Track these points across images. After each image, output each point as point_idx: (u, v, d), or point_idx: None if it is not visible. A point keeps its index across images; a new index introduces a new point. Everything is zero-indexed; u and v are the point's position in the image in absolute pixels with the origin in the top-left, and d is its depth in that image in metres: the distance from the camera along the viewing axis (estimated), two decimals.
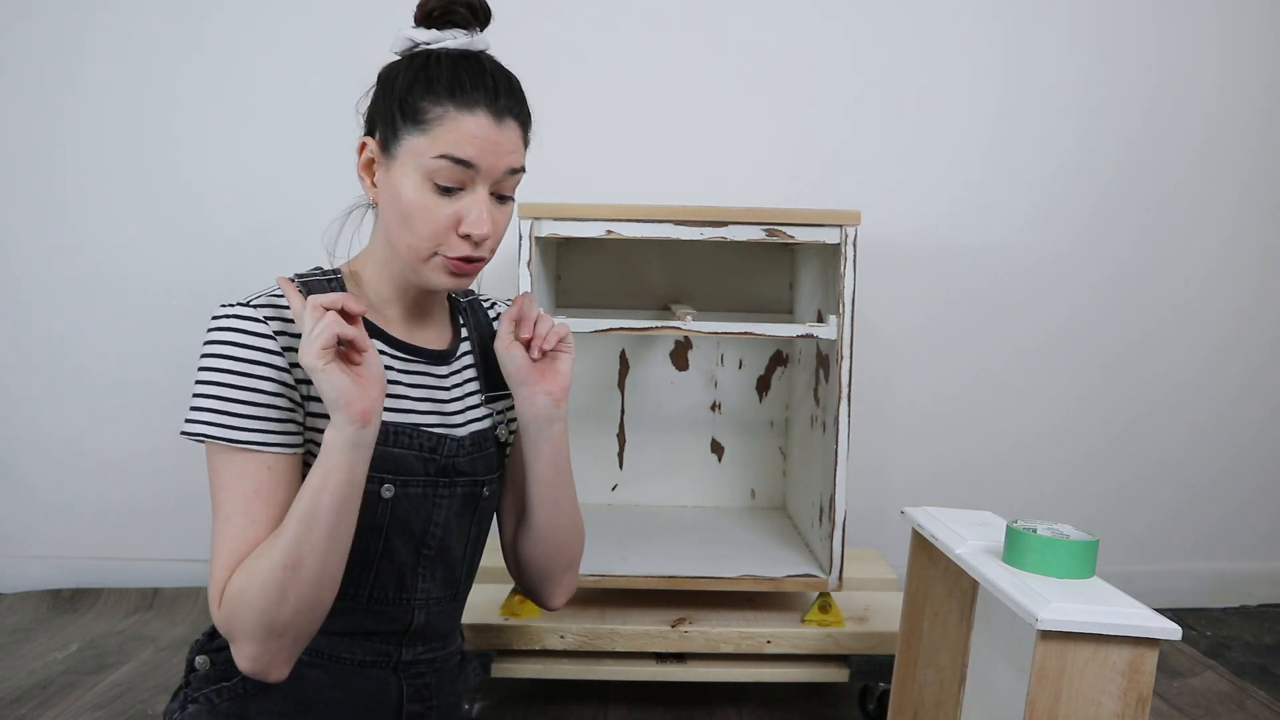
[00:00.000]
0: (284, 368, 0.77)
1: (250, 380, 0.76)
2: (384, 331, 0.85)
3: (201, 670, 0.85)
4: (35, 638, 1.60)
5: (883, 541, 1.79)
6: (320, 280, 0.84)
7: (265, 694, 0.83)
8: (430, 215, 0.79)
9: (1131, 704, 0.77)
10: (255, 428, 0.76)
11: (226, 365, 0.76)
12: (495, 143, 0.79)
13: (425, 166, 0.78)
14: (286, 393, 0.78)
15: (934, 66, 1.79)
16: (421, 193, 0.79)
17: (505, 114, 0.80)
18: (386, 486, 0.83)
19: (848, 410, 1.29)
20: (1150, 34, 1.80)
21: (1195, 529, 1.93)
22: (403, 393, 0.85)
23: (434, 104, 0.78)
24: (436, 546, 0.87)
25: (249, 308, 0.78)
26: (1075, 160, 1.82)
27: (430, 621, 0.89)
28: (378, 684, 0.87)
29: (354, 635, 0.85)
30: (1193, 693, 1.49)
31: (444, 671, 0.93)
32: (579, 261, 1.69)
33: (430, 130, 0.78)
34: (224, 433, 0.75)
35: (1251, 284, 1.88)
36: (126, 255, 1.77)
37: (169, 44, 1.73)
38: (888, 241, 1.81)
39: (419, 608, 0.88)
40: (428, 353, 0.88)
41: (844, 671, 1.29)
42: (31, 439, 1.81)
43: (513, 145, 0.81)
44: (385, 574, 0.85)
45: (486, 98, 0.79)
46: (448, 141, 0.77)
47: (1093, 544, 0.85)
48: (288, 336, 0.78)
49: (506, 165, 0.80)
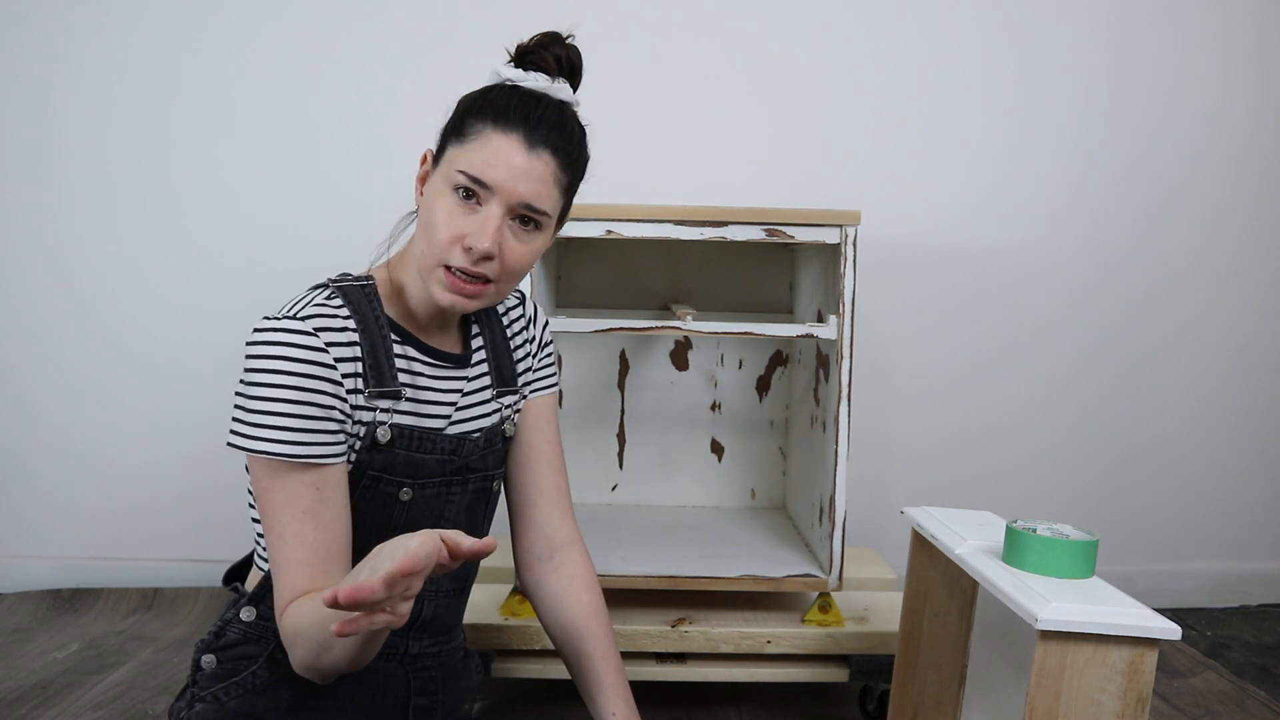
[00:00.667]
0: (338, 380, 0.78)
1: (307, 395, 0.76)
2: (415, 337, 0.86)
3: (208, 669, 0.85)
4: (35, 638, 1.60)
5: (883, 541, 1.79)
6: (355, 286, 0.83)
7: (274, 689, 0.83)
8: (446, 224, 0.79)
9: (1131, 704, 0.77)
10: (311, 441, 0.76)
11: (282, 380, 0.75)
12: (519, 168, 0.78)
13: (451, 177, 0.79)
14: (339, 405, 0.78)
15: (934, 67, 1.79)
16: (442, 201, 0.79)
17: (540, 144, 0.80)
18: (405, 490, 0.84)
19: (848, 410, 1.29)
20: (1148, 37, 1.80)
21: (1195, 528, 1.93)
22: (433, 398, 0.86)
23: (478, 120, 0.80)
24: None
25: (298, 320, 0.77)
26: (1075, 159, 1.82)
27: (438, 614, 0.90)
28: (385, 677, 0.87)
29: None
30: (1193, 693, 1.49)
31: (449, 665, 0.94)
32: (579, 261, 1.69)
33: (466, 143, 0.80)
34: (280, 449, 0.75)
35: (1249, 285, 1.88)
36: (131, 258, 1.77)
37: (178, 48, 1.73)
38: (888, 241, 1.81)
39: (428, 599, 0.89)
40: (454, 357, 0.89)
41: (844, 671, 1.29)
42: (32, 439, 1.81)
43: (540, 176, 0.80)
44: None
45: (526, 125, 0.79)
46: (475, 155, 0.78)
47: (1092, 544, 0.85)
48: (339, 347, 0.78)
49: (524, 197, 0.79)
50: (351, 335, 0.79)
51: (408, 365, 0.85)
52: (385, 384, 0.81)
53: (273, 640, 0.83)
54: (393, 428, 0.82)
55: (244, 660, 0.84)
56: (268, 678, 0.83)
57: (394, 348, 0.83)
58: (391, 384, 0.82)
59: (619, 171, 1.77)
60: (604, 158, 1.77)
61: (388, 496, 0.83)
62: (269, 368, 0.76)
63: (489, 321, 0.96)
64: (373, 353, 0.81)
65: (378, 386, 0.81)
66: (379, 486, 0.83)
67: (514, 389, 0.96)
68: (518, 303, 1.00)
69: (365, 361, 0.80)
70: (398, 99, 1.73)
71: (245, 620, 0.84)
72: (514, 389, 0.96)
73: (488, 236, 0.78)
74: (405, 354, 0.85)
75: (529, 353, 0.99)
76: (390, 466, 0.83)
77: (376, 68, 1.74)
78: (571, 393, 1.71)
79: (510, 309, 0.99)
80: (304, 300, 0.81)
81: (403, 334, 0.85)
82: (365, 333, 0.81)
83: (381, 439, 0.81)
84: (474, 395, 0.91)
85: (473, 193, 0.79)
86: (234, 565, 0.95)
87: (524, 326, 0.99)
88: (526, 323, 1.00)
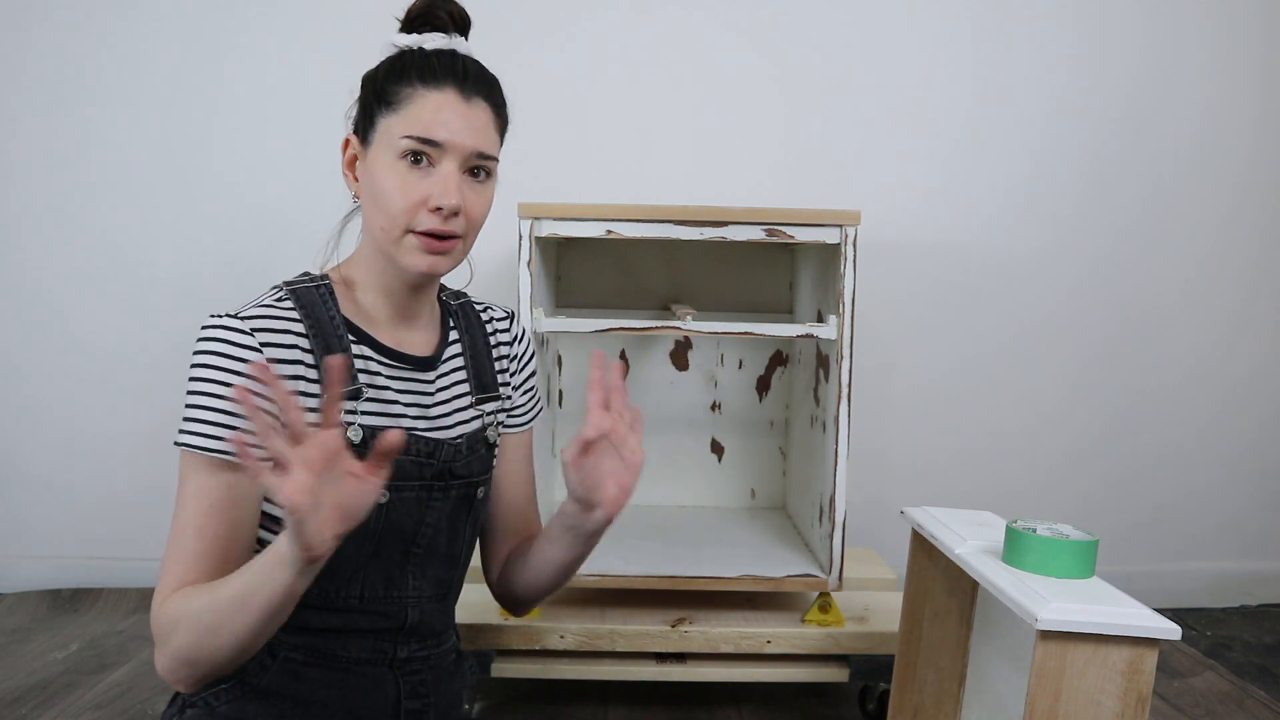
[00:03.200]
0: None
1: (229, 391, 0.75)
2: (371, 337, 0.85)
3: None
4: (35, 638, 1.60)
5: (883, 541, 1.79)
6: (309, 287, 0.83)
7: (264, 696, 0.83)
8: (402, 191, 0.79)
9: (1131, 704, 0.77)
10: (227, 436, 0.75)
11: (208, 375, 0.76)
12: (463, 118, 0.79)
13: (396, 146, 0.79)
14: (269, 407, 0.76)
15: (934, 67, 1.79)
16: (393, 170, 0.79)
17: (474, 94, 0.81)
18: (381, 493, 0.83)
19: (847, 410, 1.29)
20: (1148, 34, 1.80)
21: (1195, 528, 1.93)
22: (392, 399, 0.85)
23: (404, 85, 0.80)
24: (426, 546, 0.88)
25: (237, 319, 0.77)
26: (1082, 161, 1.82)
27: (424, 619, 0.89)
28: (374, 682, 0.87)
29: (349, 633, 0.85)
30: (1193, 693, 1.49)
31: (440, 669, 0.93)
32: (579, 261, 1.69)
33: (400, 109, 0.79)
34: (195, 440, 0.75)
35: (1251, 274, 1.88)
36: (136, 255, 1.77)
37: (196, 38, 1.73)
38: (888, 241, 1.81)
39: (411, 606, 0.88)
40: (413, 359, 0.88)
41: (844, 671, 1.29)
42: (33, 439, 1.81)
43: (482, 124, 0.81)
44: (373, 574, 0.85)
45: (455, 79, 0.80)
46: (416, 118, 0.79)
47: (1092, 544, 0.85)
48: (276, 348, 0.78)
49: (475, 146, 0.80)
50: (295, 338, 0.79)
51: (364, 365, 0.84)
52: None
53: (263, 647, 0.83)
54: (363, 428, 0.81)
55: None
56: (256, 683, 0.83)
57: (351, 347, 0.82)
58: (350, 384, 0.81)
59: (619, 171, 1.78)
60: (604, 158, 1.78)
61: None
62: (201, 362, 0.76)
63: (469, 326, 0.95)
64: (327, 352, 0.80)
65: None
66: None
67: (495, 395, 0.95)
68: (505, 316, 1.00)
69: (319, 364, 0.79)
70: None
71: None
72: (495, 395, 0.95)
73: (453, 192, 0.78)
74: (362, 353, 0.84)
75: (507, 369, 0.98)
76: None
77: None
78: (572, 393, 1.71)
79: (496, 319, 0.98)
80: (253, 301, 0.81)
81: (358, 333, 0.84)
82: (318, 333, 0.80)
83: (353, 439, 0.80)
84: (442, 396, 0.90)
85: (421, 155, 0.79)
86: None
87: (508, 341, 0.99)
88: (511, 340, 0.99)
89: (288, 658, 0.83)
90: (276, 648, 0.83)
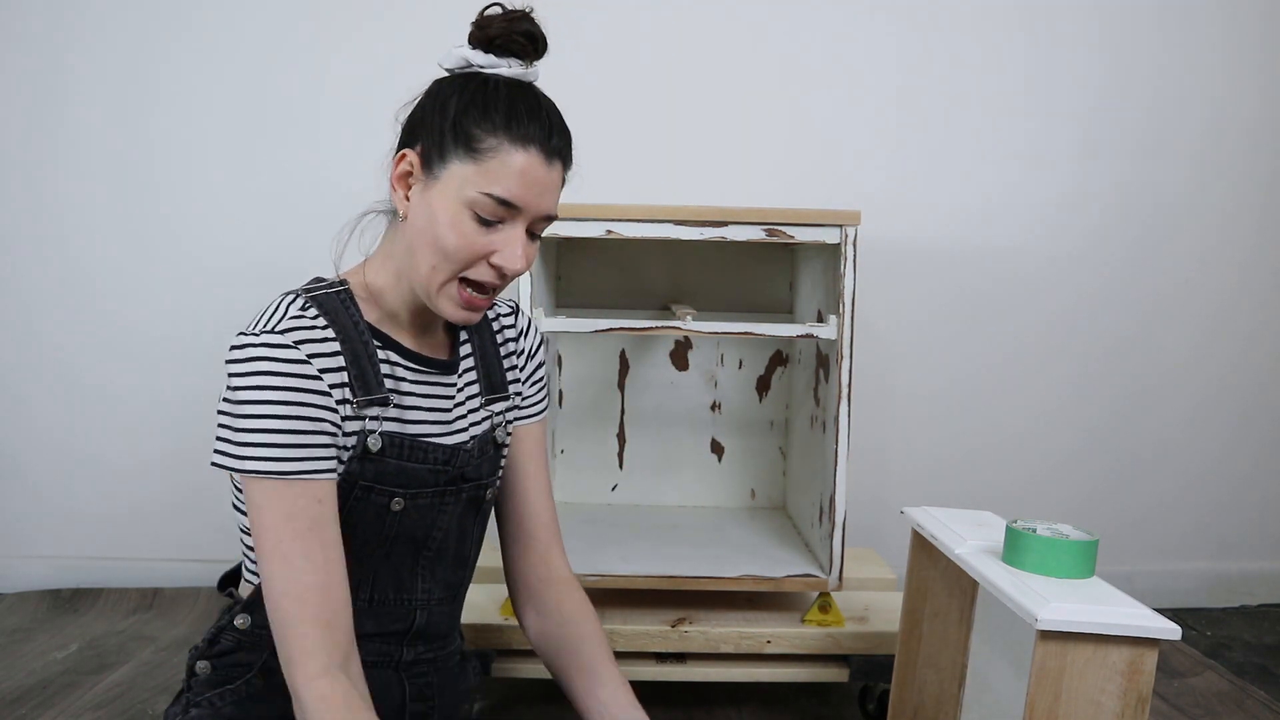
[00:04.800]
0: (325, 391, 0.75)
1: (297, 409, 0.73)
2: (397, 342, 0.84)
3: (203, 675, 0.85)
4: (35, 638, 1.60)
5: (883, 541, 1.79)
6: (329, 294, 0.80)
7: (268, 697, 0.83)
8: (465, 244, 0.77)
9: (1131, 704, 0.77)
10: (307, 456, 0.74)
11: (269, 395, 0.73)
12: (542, 184, 0.78)
13: (469, 197, 0.76)
14: (330, 417, 0.76)
15: (934, 67, 1.79)
16: (460, 220, 0.76)
17: (555, 155, 0.79)
18: (396, 500, 0.82)
19: (848, 410, 1.29)
20: (1154, 41, 1.80)
21: (1195, 528, 1.93)
22: (415, 404, 0.84)
23: (488, 133, 0.76)
24: (436, 549, 0.88)
25: (275, 334, 0.74)
26: (1080, 163, 1.82)
27: (431, 621, 0.89)
28: (380, 684, 0.87)
29: (357, 636, 0.85)
30: (1193, 693, 1.49)
31: (445, 670, 0.93)
32: (579, 261, 1.69)
33: (481, 161, 0.75)
34: (275, 465, 0.73)
35: (1254, 274, 1.88)
36: (130, 259, 1.77)
37: (174, 50, 1.73)
38: (888, 241, 1.81)
39: (420, 608, 0.88)
40: (438, 363, 0.87)
41: (844, 671, 1.29)
42: (33, 439, 1.81)
43: (555, 187, 0.80)
44: (384, 577, 0.85)
45: (541, 134, 0.77)
46: (498, 178, 0.75)
47: (1092, 544, 0.85)
48: (321, 358, 0.76)
49: (547, 209, 0.79)
50: (333, 345, 0.77)
51: (391, 370, 0.82)
52: (372, 391, 0.79)
53: (266, 649, 0.82)
54: (383, 435, 0.80)
55: (238, 668, 0.84)
56: (262, 686, 0.83)
57: (377, 353, 0.81)
58: (379, 390, 0.80)
59: (619, 171, 1.78)
60: (604, 158, 1.77)
61: (379, 507, 0.81)
62: (254, 384, 0.73)
63: (477, 326, 0.94)
64: (356, 361, 0.78)
65: (365, 394, 0.78)
66: (370, 497, 0.81)
67: (504, 395, 0.94)
68: (510, 311, 0.99)
69: (350, 370, 0.78)
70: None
71: (239, 628, 0.83)
72: (504, 395, 0.94)
73: (520, 258, 0.77)
74: (388, 359, 0.82)
75: (516, 365, 0.97)
76: (382, 476, 0.81)
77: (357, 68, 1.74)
78: (571, 393, 1.71)
79: (502, 315, 0.97)
80: (277, 312, 0.78)
81: (383, 339, 0.82)
82: (346, 341, 0.78)
83: (373, 447, 0.79)
84: (460, 397, 0.89)
85: (494, 217, 0.77)
86: (229, 570, 0.94)
87: (515, 337, 0.98)
88: (518, 334, 0.98)
89: None
90: None
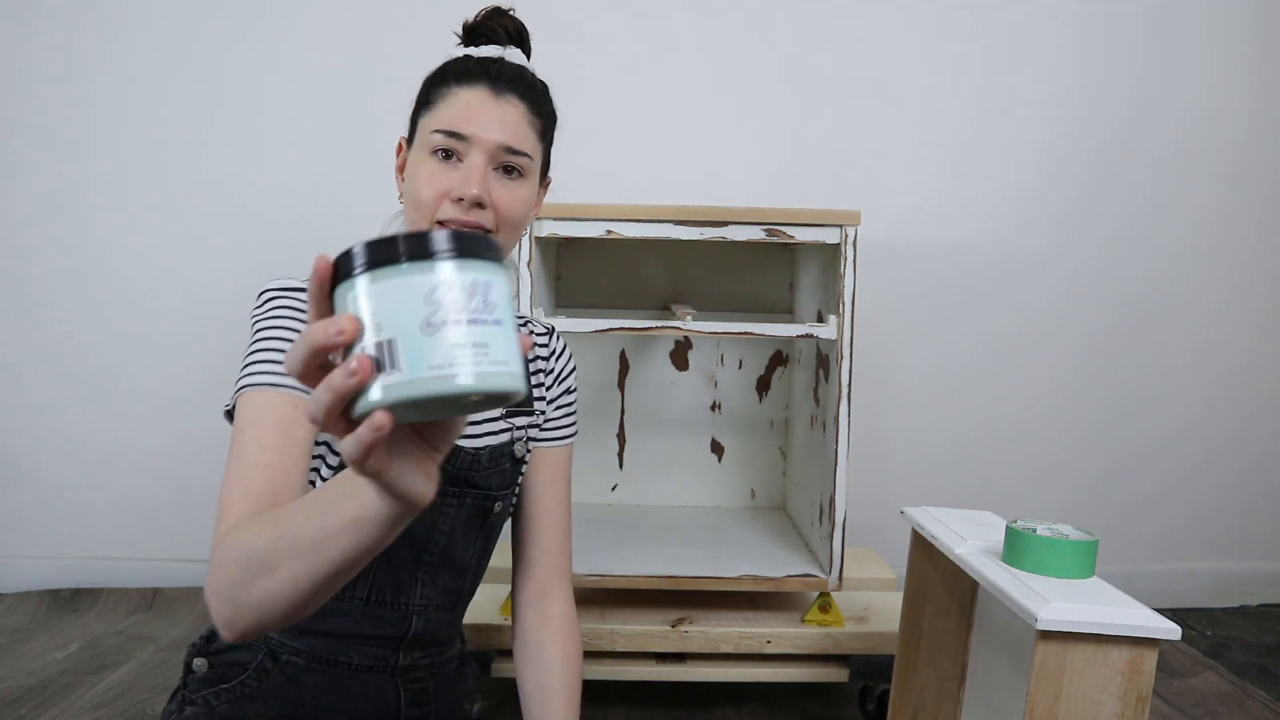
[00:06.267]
0: None
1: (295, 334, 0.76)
2: None
3: (200, 672, 0.85)
4: (35, 638, 1.60)
5: (883, 541, 1.79)
6: None
7: (263, 697, 0.83)
8: (429, 183, 0.79)
9: (1131, 704, 0.77)
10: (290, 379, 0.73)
11: (277, 323, 0.76)
12: (489, 114, 0.80)
13: (427, 142, 0.80)
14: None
15: (934, 67, 1.79)
16: (422, 164, 0.80)
17: (506, 90, 0.81)
18: None
19: (848, 410, 1.29)
20: (1143, 32, 1.80)
21: (1195, 528, 1.93)
22: None
23: (440, 86, 0.82)
24: (439, 554, 0.87)
25: (297, 281, 0.79)
26: (1077, 159, 1.82)
27: (429, 628, 0.89)
28: (375, 689, 0.86)
29: (351, 638, 0.85)
30: (1193, 693, 1.49)
31: (442, 676, 0.93)
32: (579, 261, 1.69)
33: (434, 107, 0.81)
34: (256, 378, 0.74)
35: (1250, 270, 1.88)
36: (138, 255, 1.77)
37: (197, 44, 1.73)
38: (888, 241, 1.81)
39: (417, 614, 0.87)
40: None
41: (844, 671, 1.29)
42: (33, 439, 1.81)
43: (512, 120, 0.81)
44: (383, 577, 0.84)
45: (488, 77, 0.81)
46: (445, 113, 0.80)
47: (1092, 544, 0.85)
48: None
49: (503, 140, 0.80)
50: None
51: None
52: None
53: (263, 649, 0.83)
54: None
55: (234, 666, 0.84)
56: (257, 686, 0.83)
57: None
58: None
59: (619, 171, 1.78)
60: (604, 158, 1.78)
61: None
62: (266, 315, 0.77)
63: None
64: None
65: None
66: None
67: (528, 410, 0.94)
68: (545, 332, 0.99)
69: None
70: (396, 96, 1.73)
71: None
72: (528, 410, 0.94)
73: (474, 182, 0.78)
74: None
75: (543, 383, 0.96)
76: None
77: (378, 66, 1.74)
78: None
79: (536, 334, 0.97)
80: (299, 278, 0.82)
81: None
82: None
83: None
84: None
85: (451, 151, 0.79)
86: None
87: (546, 356, 0.97)
88: (549, 354, 0.98)
89: (289, 661, 0.83)
90: (278, 651, 0.83)
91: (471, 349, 0.40)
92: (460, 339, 0.40)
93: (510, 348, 0.42)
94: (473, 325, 0.40)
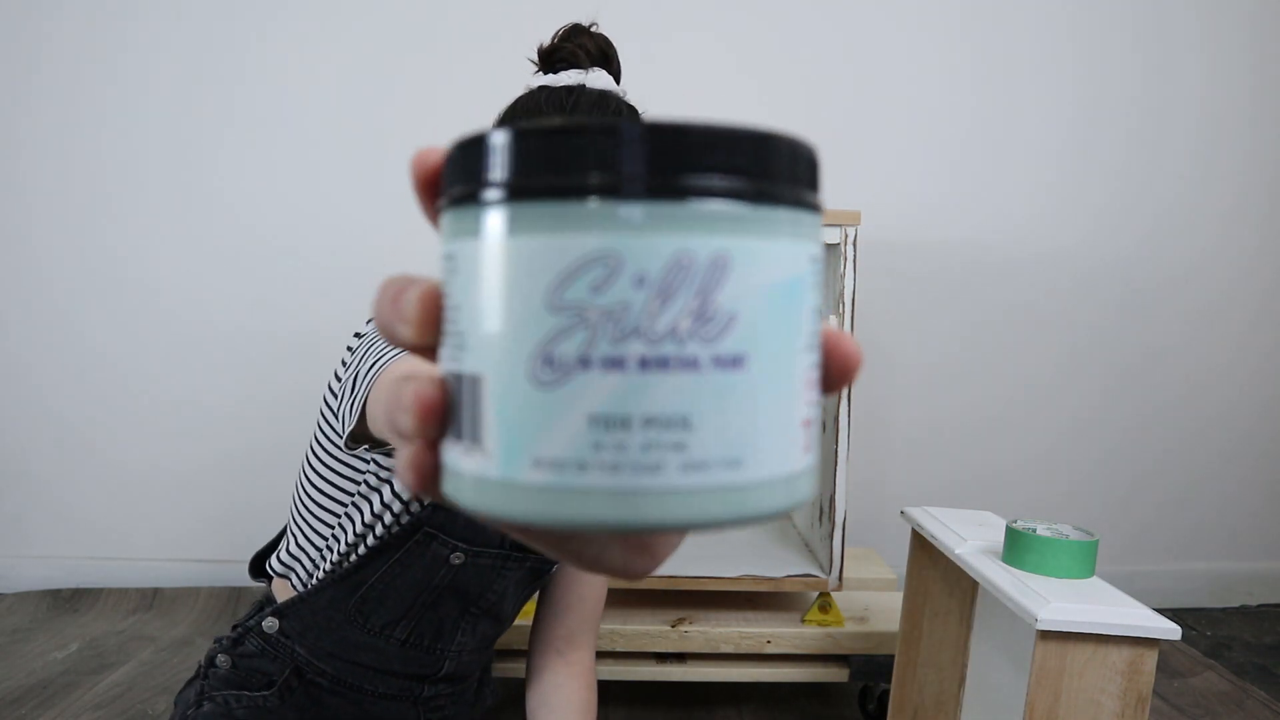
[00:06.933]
0: None
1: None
2: None
3: (222, 669, 0.84)
4: (35, 638, 1.60)
5: (883, 542, 1.79)
6: None
7: (282, 713, 0.82)
8: None
9: (1131, 704, 0.77)
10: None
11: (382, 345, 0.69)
12: None
13: None
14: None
15: (934, 67, 1.79)
16: None
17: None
18: (457, 554, 0.79)
19: (848, 411, 1.29)
20: (1142, 35, 1.80)
21: (1196, 529, 1.93)
22: None
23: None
24: (486, 608, 0.86)
25: None
26: (1073, 154, 1.82)
27: (459, 669, 0.88)
28: (396, 714, 0.86)
29: (380, 671, 0.84)
30: (1193, 693, 1.49)
31: (462, 701, 0.92)
32: None
33: None
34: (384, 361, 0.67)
35: (1254, 270, 1.88)
36: (150, 261, 1.77)
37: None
38: (888, 241, 1.81)
39: (451, 658, 0.86)
40: None
41: (844, 671, 1.29)
42: (34, 440, 1.81)
43: None
44: (426, 623, 0.83)
45: (559, 112, 0.74)
46: None
47: (1092, 544, 0.85)
48: None
49: None
50: None
51: None
52: None
53: (289, 664, 0.82)
54: None
55: (257, 674, 0.83)
56: (278, 703, 0.82)
57: None
58: None
59: None
60: None
61: (437, 558, 0.78)
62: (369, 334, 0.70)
63: None
64: None
65: None
66: (430, 545, 0.78)
67: None
68: None
69: None
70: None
71: (267, 631, 0.82)
72: None
73: None
74: None
75: None
76: (448, 526, 0.78)
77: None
78: None
79: None
80: None
81: None
82: None
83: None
84: None
85: None
86: (259, 553, 0.92)
87: None
88: None
89: (314, 681, 0.82)
90: (305, 669, 0.82)
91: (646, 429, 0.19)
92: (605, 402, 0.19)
93: (755, 422, 0.21)
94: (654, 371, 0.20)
